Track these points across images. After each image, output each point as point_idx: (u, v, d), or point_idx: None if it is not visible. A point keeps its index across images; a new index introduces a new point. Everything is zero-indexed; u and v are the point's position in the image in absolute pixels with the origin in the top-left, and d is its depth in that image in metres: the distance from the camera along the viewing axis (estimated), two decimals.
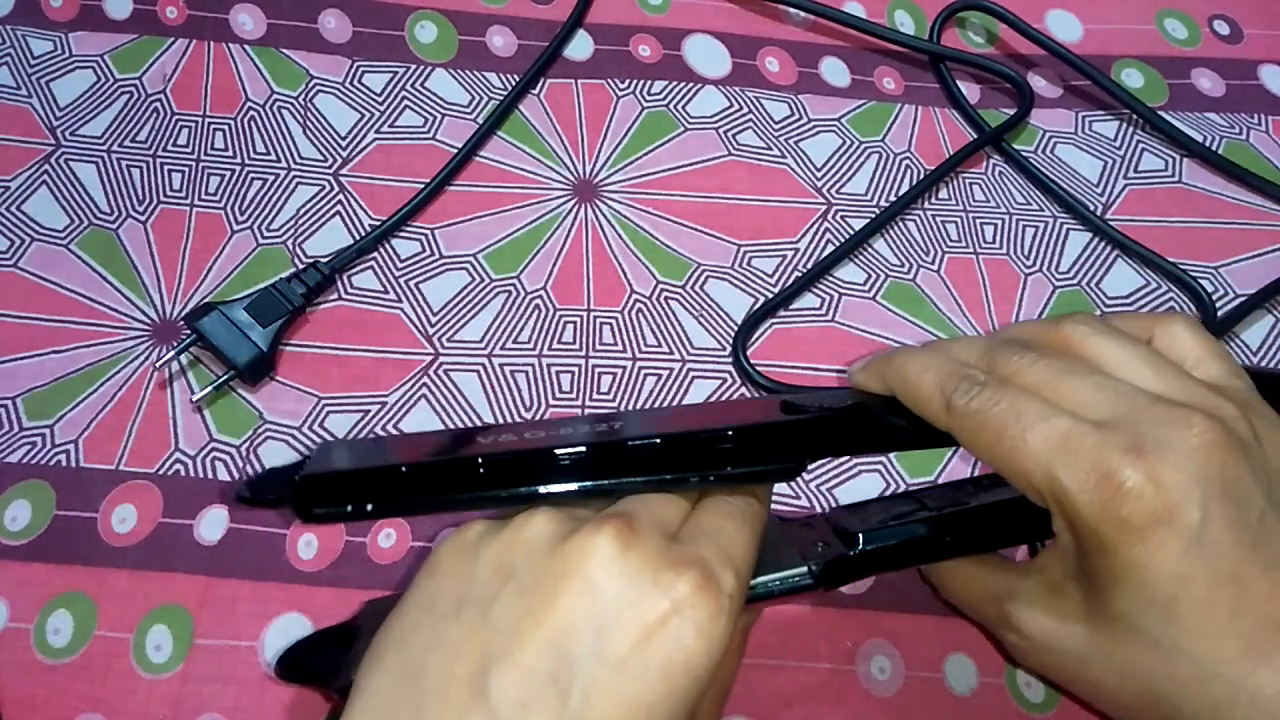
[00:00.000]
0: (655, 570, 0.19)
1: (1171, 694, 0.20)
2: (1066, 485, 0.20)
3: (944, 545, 0.24)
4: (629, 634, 0.19)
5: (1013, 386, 0.21)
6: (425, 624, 0.20)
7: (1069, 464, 0.20)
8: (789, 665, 0.30)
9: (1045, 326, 0.23)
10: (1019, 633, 0.23)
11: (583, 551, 0.19)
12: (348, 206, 0.36)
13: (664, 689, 0.19)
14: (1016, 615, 0.23)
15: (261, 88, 0.38)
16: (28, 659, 0.28)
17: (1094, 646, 0.22)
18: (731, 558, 0.20)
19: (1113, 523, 0.20)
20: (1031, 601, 0.23)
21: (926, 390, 0.22)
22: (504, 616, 0.19)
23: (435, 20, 0.41)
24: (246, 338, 0.32)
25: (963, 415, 0.21)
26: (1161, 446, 0.20)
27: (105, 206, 0.36)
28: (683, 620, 0.19)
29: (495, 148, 0.38)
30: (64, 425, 0.32)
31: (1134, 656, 0.21)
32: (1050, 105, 0.41)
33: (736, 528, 0.21)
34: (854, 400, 0.24)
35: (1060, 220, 0.38)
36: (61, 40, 0.39)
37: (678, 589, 0.19)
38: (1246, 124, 0.41)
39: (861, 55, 0.42)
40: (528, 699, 0.18)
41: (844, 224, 0.38)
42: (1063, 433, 0.20)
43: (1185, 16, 0.44)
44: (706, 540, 0.20)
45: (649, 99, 0.40)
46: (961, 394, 0.22)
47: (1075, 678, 0.23)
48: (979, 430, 0.21)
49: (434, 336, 0.34)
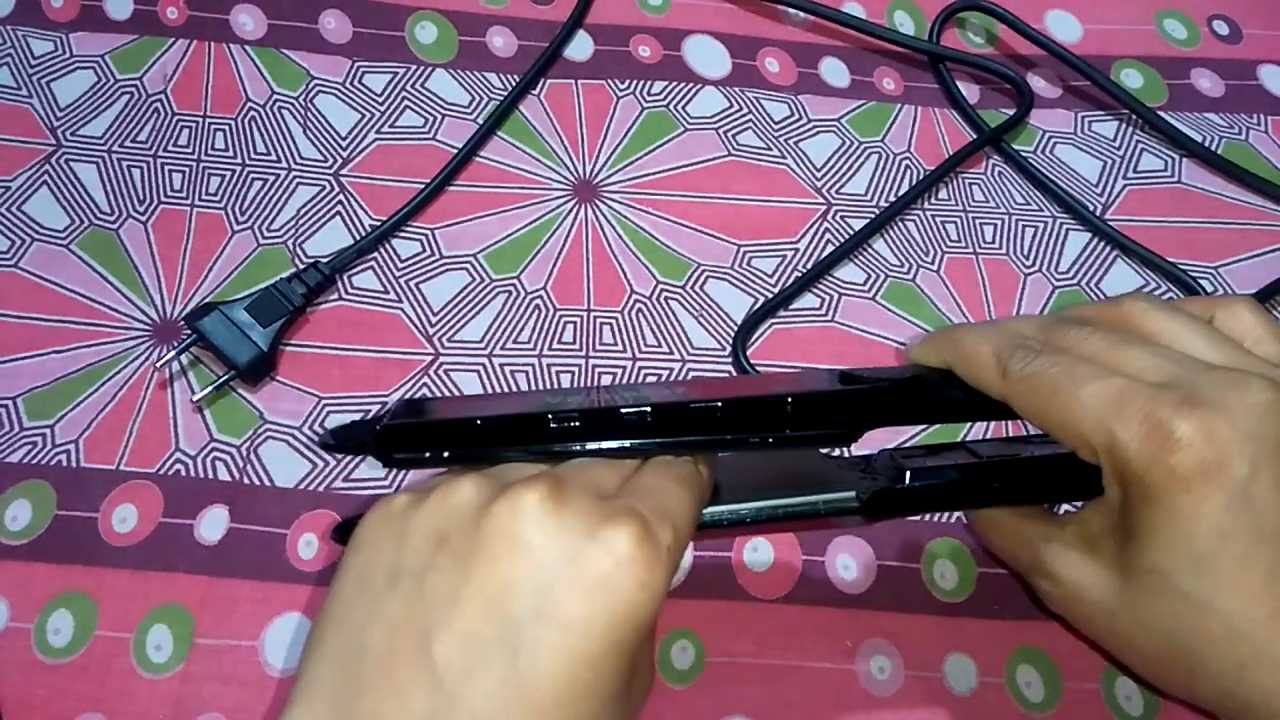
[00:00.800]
0: (591, 526, 0.19)
1: (1197, 650, 0.21)
2: (1118, 436, 0.20)
3: (989, 492, 0.24)
4: (571, 590, 0.19)
5: (1069, 354, 0.22)
6: (360, 601, 0.20)
7: (1121, 416, 0.20)
8: (788, 664, 0.30)
9: (1104, 305, 0.24)
10: (1052, 579, 0.23)
11: (514, 512, 0.19)
12: (348, 207, 0.36)
13: (609, 642, 0.19)
14: (1051, 563, 0.23)
15: (262, 88, 0.38)
16: (28, 659, 0.29)
17: (1124, 598, 0.22)
18: (669, 513, 0.20)
19: (1160, 471, 0.20)
20: (1067, 550, 0.23)
21: (983, 358, 0.23)
22: (440, 584, 0.19)
23: (435, 21, 0.41)
24: (247, 338, 0.32)
25: (1018, 380, 0.22)
26: (1215, 403, 0.20)
27: (106, 207, 0.36)
28: (624, 574, 0.19)
29: (495, 148, 0.38)
30: (64, 425, 0.32)
31: (1163, 610, 0.21)
32: (1050, 105, 0.41)
33: (676, 487, 0.21)
34: (911, 374, 0.24)
35: (1060, 220, 0.38)
36: (62, 40, 0.39)
37: (617, 542, 0.19)
38: (1246, 124, 0.41)
39: (861, 56, 0.42)
40: (473, 664, 0.18)
41: (844, 224, 0.38)
42: (1117, 389, 0.20)
43: (1184, 17, 0.44)
44: (644, 496, 0.21)
45: (649, 99, 0.40)
46: (1017, 360, 0.22)
47: (1102, 628, 0.23)
48: (1033, 392, 0.21)
49: (434, 336, 0.34)
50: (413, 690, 0.18)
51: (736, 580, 0.31)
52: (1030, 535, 0.24)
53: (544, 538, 0.19)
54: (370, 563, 0.20)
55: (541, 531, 0.19)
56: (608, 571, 0.19)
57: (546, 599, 0.19)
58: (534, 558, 0.19)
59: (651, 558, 0.19)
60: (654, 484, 0.21)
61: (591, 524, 0.19)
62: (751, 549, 0.31)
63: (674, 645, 0.30)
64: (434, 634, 0.19)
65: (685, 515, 0.21)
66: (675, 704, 0.29)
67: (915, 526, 0.32)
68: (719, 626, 0.30)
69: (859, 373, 0.24)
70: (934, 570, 0.31)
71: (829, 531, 0.32)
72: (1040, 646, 0.30)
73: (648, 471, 0.22)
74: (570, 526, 0.19)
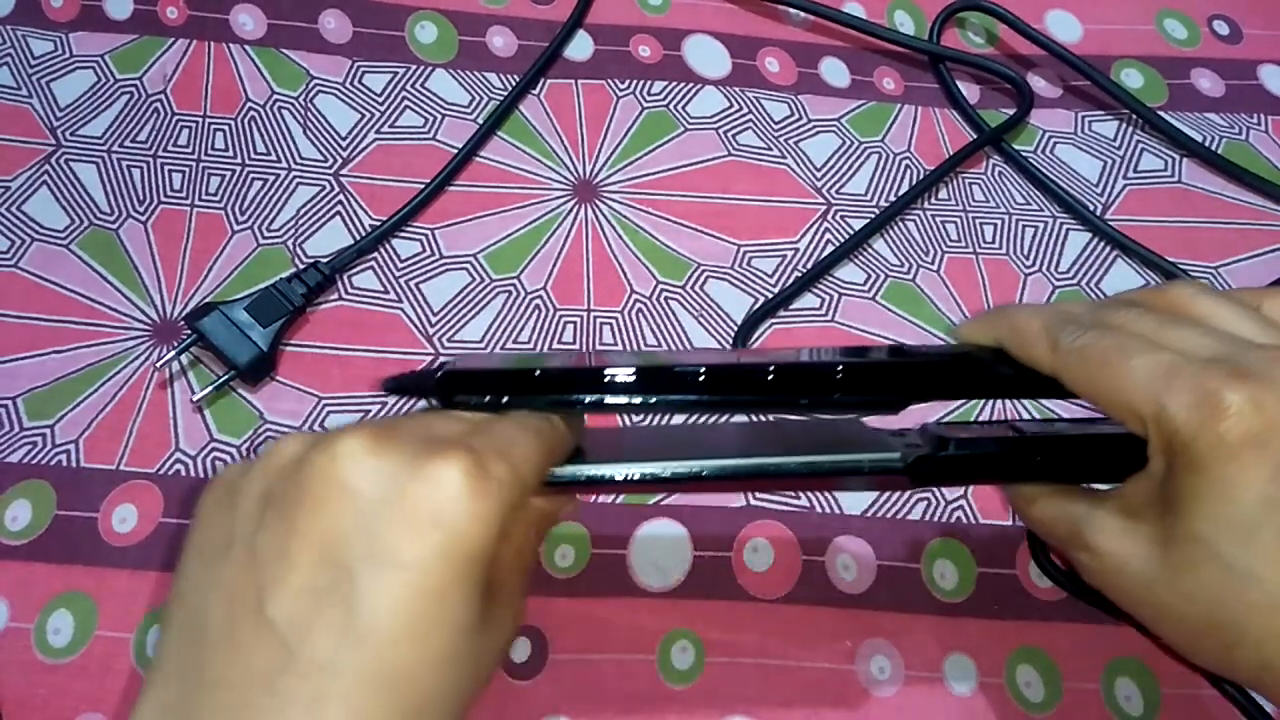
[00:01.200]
0: (414, 464, 0.19)
1: (1237, 620, 0.21)
2: (1167, 405, 0.20)
3: (1032, 465, 0.25)
4: (400, 530, 0.18)
5: (1119, 330, 0.22)
6: (200, 574, 0.20)
7: (1171, 386, 0.20)
8: (789, 665, 0.30)
9: (1153, 290, 0.24)
10: (1091, 552, 0.23)
11: (332, 458, 0.19)
12: (348, 207, 0.36)
13: (449, 574, 0.19)
14: (1092, 535, 0.23)
15: (262, 88, 0.38)
16: (28, 659, 0.29)
17: (1165, 568, 0.22)
18: (506, 453, 0.20)
19: (1208, 439, 0.20)
20: (1107, 523, 0.23)
21: (1034, 333, 0.23)
22: (269, 543, 0.19)
23: (435, 20, 0.41)
24: (247, 338, 0.32)
25: (1068, 352, 0.22)
26: (1264, 376, 0.20)
27: (106, 207, 0.36)
28: (453, 506, 0.19)
29: (495, 148, 0.38)
30: (64, 425, 0.32)
31: (1205, 579, 0.21)
32: (1050, 105, 0.41)
33: (520, 432, 0.21)
34: (960, 350, 0.25)
35: (1060, 220, 0.38)
36: (62, 40, 0.39)
37: (443, 477, 0.19)
38: (1246, 124, 0.41)
39: (861, 55, 0.42)
40: (310, 616, 0.18)
41: (844, 224, 0.38)
42: (1168, 362, 0.21)
43: (1185, 17, 0.44)
44: (481, 437, 0.20)
45: (649, 99, 0.40)
46: (1068, 334, 0.22)
47: (1141, 599, 0.23)
48: (1083, 364, 0.22)
49: (434, 336, 0.34)
50: (254, 651, 0.18)
51: (736, 580, 0.31)
52: (1070, 508, 0.24)
53: (365, 480, 0.19)
54: (207, 536, 0.20)
55: (361, 474, 0.19)
56: (435, 506, 0.18)
57: (376, 542, 0.18)
58: (356, 501, 0.19)
59: (480, 489, 0.19)
60: (494, 429, 0.21)
61: (415, 462, 0.19)
62: (751, 549, 0.31)
63: (674, 645, 0.30)
64: (269, 593, 0.18)
65: (525, 455, 0.21)
66: (675, 704, 0.29)
67: (915, 526, 0.32)
68: (719, 627, 0.30)
69: (908, 348, 0.24)
70: (934, 570, 0.31)
71: (829, 532, 0.32)
72: (1040, 646, 0.30)
73: (493, 420, 0.22)
74: (392, 466, 0.19)
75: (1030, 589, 0.31)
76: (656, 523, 0.32)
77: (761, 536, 0.32)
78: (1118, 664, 0.30)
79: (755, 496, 0.32)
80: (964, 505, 0.33)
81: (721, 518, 0.32)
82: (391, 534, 0.18)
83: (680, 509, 0.32)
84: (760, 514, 0.32)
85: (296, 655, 0.18)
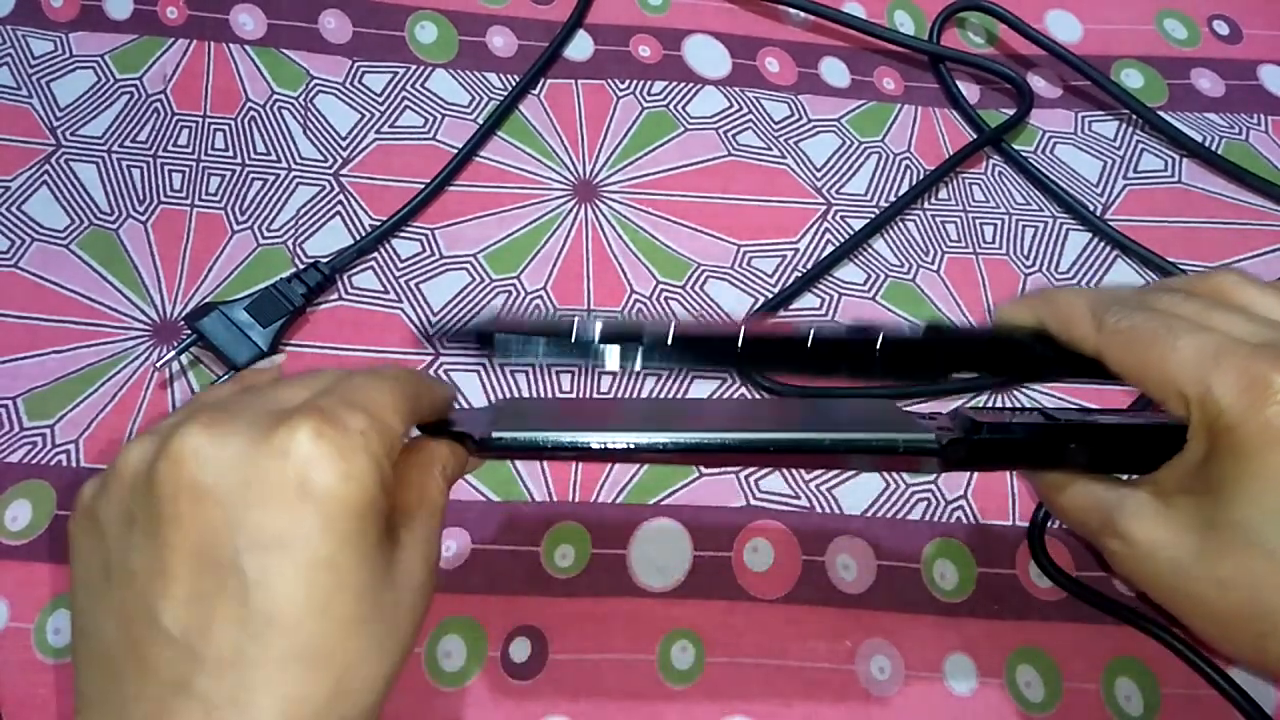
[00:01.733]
0: (261, 438, 0.18)
1: (1274, 608, 0.20)
2: (1215, 388, 0.20)
3: (1065, 453, 0.24)
4: (269, 510, 0.18)
5: (1165, 313, 0.22)
6: (88, 603, 0.20)
7: (1219, 367, 0.20)
8: (788, 665, 0.30)
9: (1195, 277, 0.24)
10: (1123, 539, 0.23)
11: (177, 463, 0.18)
12: (348, 207, 0.36)
13: (333, 541, 0.18)
14: (1123, 523, 0.23)
15: (262, 88, 0.38)
16: (28, 658, 0.29)
17: (1201, 555, 0.21)
18: (358, 403, 0.19)
19: (1255, 424, 0.20)
20: (1140, 510, 0.23)
21: (1078, 312, 0.23)
22: (144, 563, 0.18)
23: (435, 20, 0.41)
24: (247, 338, 0.32)
25: (1113, 332, 0.22)
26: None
27: (106, 207, 0.36)
28: (317, 471, 0.18)
29: (495, 148, 0.38)
30: (64, 425, 0.32)
31: (1243, 565, 0.21)
32: (1050, 105, 0.41)
33: (371, 381, 0.20)
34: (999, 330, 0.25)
35: (1060, 220, 0.38)
36: (62, 40, 0.39)
37: (293, 444, 0.18)
38: (1246, 124, 0.41)
39: (861, 55, 0.42)
40: (207, 618, 0.18)
41: (844, 224, 0.38)
42: (1216, 344, 0.21)
43: (1185, 17, 0.44)
44: (328, 396, 0.20)
45: (649, 99, 0.40)
46: (1113, 314, 0.22)
47: (1173, 587, 0.22)
48: (1128, 344, 0.22)
49: (433, 336, 0.34)
50: (161, 662, 0.18)
51: (737, 580, 0.31)
52: (1102, 495, 0.24)
53: (216, 474, 0.18)
54: (83, 567, 0.20)
55: (210, 469, 0.18)
56: (297, 475, 0.18)
57: (249, 530, 0.18)
58: (216, 497, 0.18)
59: (340, 445, 0.18)
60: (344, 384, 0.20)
61: (261, 438, 0.18)
62: (751, 549, 0.31)
63: (674, 645, 0.30)
64: (158, 609, 0.18)
65: (381, 401, 0.20)
66: (675, 704, 0.29)
67: (916, 526, 0.32)
68: (719, 627, 0.30)
69: (945, 325, 0.24)
70: (934, 570, 0.31)
71: (829, 532, 0.32)
72: (1040, 646, 0.30)
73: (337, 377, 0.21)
74: (238, 450, 0.18)
75: (1030, 589, 0.31)
76: (656, 522, 0.32)
77: (761, 536, 0.32)
78: (1118, 664, 0.30)
79: (755, 496, 0.32)
80: (964, 505, 0.33)
81: (722, 517, 0.32)
82: (262, 517, 0.18)
83: (680, 509, 0.32)
84: (760, 514, 0.32)
85: (204, 657, 0.18)
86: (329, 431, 0.18)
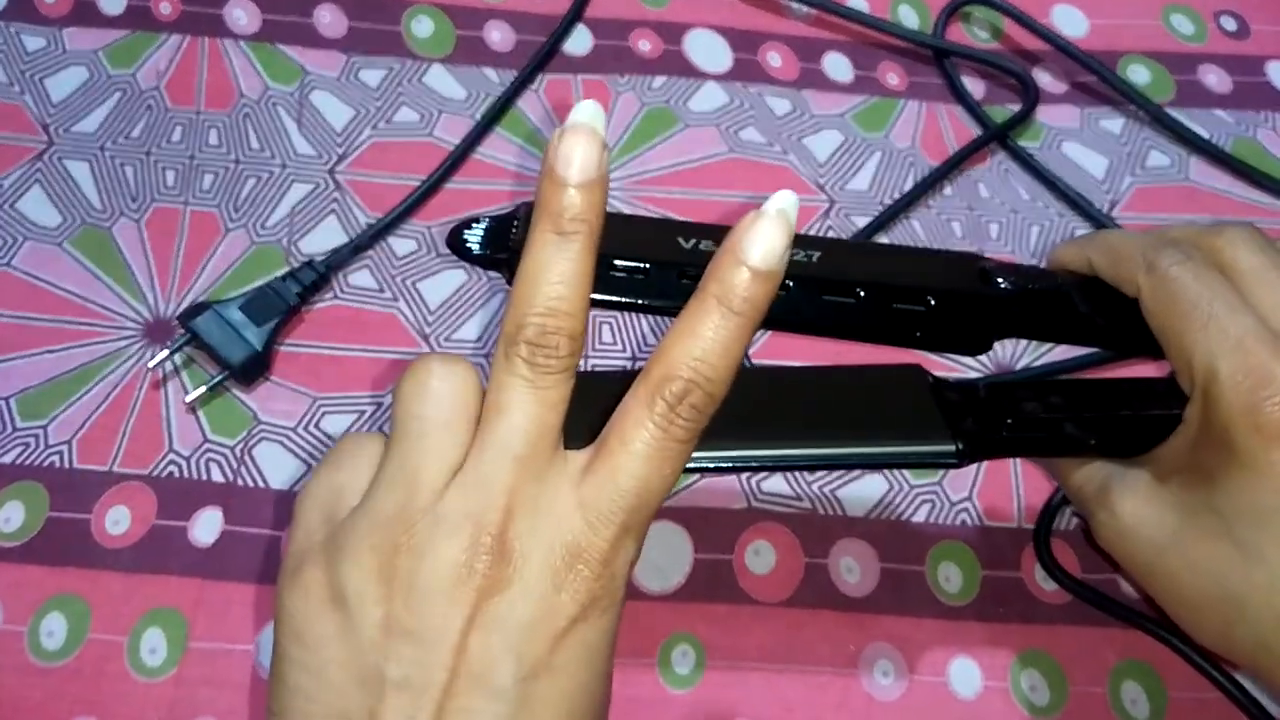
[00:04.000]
0: (552, 581, 0.18)
1: (1240, 595, 0.21)
2: (1222, 375, 0.20)
3: (1083, 446, 0.25)
4: (547, 644, 0.18)
5: (1217, 269, 0.22)
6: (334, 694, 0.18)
7: (1234, 357, 0.20)
8: (791, 669, 0.29)
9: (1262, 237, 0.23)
10: (1110, 510, 0.23)
11: (481, 594, 0.18)
12: (343, 204, 0.36)
13: (590, 669, 0.19)
14: (1115, 494, 0.23)
15: (256, 84, 0.38)
16: (21, 661, 0.28)
17: (1179, 536, 0.22)
18: (630, 522, 0.19)
19: (1248, 421, 0.20)
20: (1134, 486, 0.23)
21: (1130, 251, 0.23)
22: (413, 673, 0.18)
23: (432, 15, 0.40)
24: (241, 337, 0.32)
25: (1162, 276, 0.22)
26: None
27: (98, 204, 0.35)
28: (594, 611, 0.18)
29: (493, 144, 0.38)
30: (57, 426, 0.31)
31: (1215, 553, 0.21)
32: (1056, 101, 0.41)
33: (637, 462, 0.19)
34: (1053, 283, 0.24)
35: (1066, 218, 0.38)
36: (54, 36, 0.38)
37: (579, 590, 0.18)
38: (1253, 121, 0.40)
39: (865, 50, 0.41)
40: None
41: (847, 221, 0.37)
42: (1242, 330, 0.21)
43: (1192, 12, 0.43)
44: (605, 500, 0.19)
45: (649, 95, 0.39)
46: (1166, 257, 0.22)
47: (1150, 564, 0.23)
48: (1171, 299, 0.22)
49: (431, 336, 0.34)
50: None
51: (739, 583, 0.31)
52: (1100, 470, 0.25)
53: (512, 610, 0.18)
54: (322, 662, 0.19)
55: (511, 606, 0.18)
56: (573, 620, 0.18)
57: (523, 661, 0.18)
58: (507, 629, 0.18)
59: (611, 588, 0.19)
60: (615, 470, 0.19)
61: (554, 580, 0.18)
62: (753, 551, 0.31)
63: (675, 649, 0.30)
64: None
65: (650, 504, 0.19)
66: (676, 708, 0.29)
67: (919, 529, 0.32)
68: (721, 630, 0.30)
69: (997, 272, 0.23)
70: (938, 573, 0.31)
71: (832, 534, 0.31)
72: (1046, 650, 0.30)
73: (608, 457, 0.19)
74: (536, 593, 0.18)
75: (1036, 592, 0.31)
76: (657, 524, 0.31)
77: (763, 539, 0.31)
78: (1124, 667, 0.30)
79: (757, 498, 0.32)
80: (968, 507, 0.32)
81: (723, 520, 0.31)
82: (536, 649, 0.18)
83: (681, 511, 0.31)
84: (762, 516, 0.32)
85: None
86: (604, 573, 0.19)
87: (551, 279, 0.19)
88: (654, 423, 0.18)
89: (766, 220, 0.19)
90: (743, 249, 0.19)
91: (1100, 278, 0.24)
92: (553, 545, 0.18)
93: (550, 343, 0.19)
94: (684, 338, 0.19)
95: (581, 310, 0.19)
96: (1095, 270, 0.24)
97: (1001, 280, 0.23)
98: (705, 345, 0.19)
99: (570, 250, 0.19)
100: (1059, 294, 0.24)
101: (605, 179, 0.19)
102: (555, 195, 0.19)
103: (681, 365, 0.19)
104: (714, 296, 0.19)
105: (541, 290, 0.19)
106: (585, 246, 0.19)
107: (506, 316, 0.19)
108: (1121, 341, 0.24)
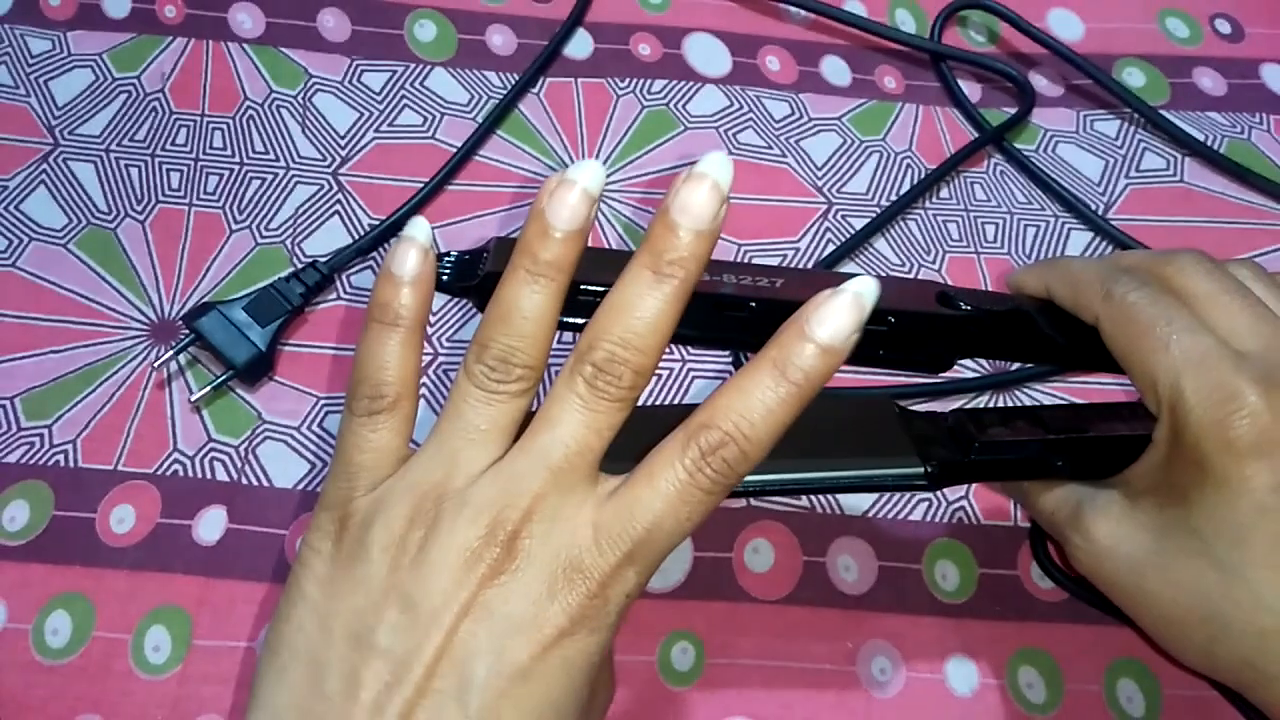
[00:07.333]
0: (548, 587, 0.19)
1: (1222, 613, 0.21)
2: (1188, 394, 0.20)
3: (1053, 469, 0.25)
4: (528, 649, 0.18)
5: (1172, 294, 0.22)
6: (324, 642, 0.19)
7: (1198, 376, 0.20)
8: (789, 666, 0.30)
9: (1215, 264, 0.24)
10: (1085, 535, 0.23)
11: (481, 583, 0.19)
12: (347, 206, 0.36)
13: (565, 686, 0.19)
14: (1089, 518, 0.23)
15: (260, 87, 0.38)
16: (26, 659, 0.28)
17: (1157, 557, 0.22)
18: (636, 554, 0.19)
19: (1218, 440, 0.20)
20: (1107, 508, 0.23)
21: (1087, 280, 0.23)
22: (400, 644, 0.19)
23: (434, 19, 0.41)
24: (245, 337, 0.32)
25: (1119, 304, 0.22)
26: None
27: (103, 206, 0.36)
28: (582, 630, 0.19)
29: (495, 147, 0.38)
30: (62, 425, 0.32)
31: (1195, 572, 0.21)
32: (1051, 104, 0.41)
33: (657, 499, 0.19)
34: (1011, 305, 0.24)
35: (1061, 219, 0.38)
36: (60, 39, 0.39)
37: (570, 604, 0.19)
38: (1248, 123, 0.41)
39: (862, 54, 0.42)
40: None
41: (845, 223, 0.37)
42: (1204, 349, 0.21)
43: (1186, 15, 0.43)
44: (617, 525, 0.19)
45: (649, 98, 0.39)
46: (1122, 285, 0.22)
47: (1129, 586, 0.23)
48: (1128, 322, 0.22)
49: (432, 336, 0.34)
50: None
51: (737, 581, 0.31)
52: (1071, 494, 0.24)
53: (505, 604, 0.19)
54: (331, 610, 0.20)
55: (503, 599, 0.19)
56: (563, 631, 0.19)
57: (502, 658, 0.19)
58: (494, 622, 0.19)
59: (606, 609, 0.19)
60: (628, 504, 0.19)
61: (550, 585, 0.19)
62: (752, 550, 0.31)
63: (674, 647, 0.30)
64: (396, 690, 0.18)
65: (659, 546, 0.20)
66: (675, 706, 0.29)
67: (917, 527, 0.32)
68: (719, 628, 0.30)
69: (955, 294, 0.23)
70: (935, 571, 0.31)
71: (830, 532, 0.32)
72: (1042, 648, 0.30)
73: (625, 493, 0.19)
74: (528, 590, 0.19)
75: (1032, 590, 0.31)
76: None
77: (762, 537, 0.31)
78: (1120, 665, 0.30)
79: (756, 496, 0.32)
80: (965, 505, 0.32)
81: (721, 518, 0.32)
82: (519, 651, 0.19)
83: None
84: (761, 514, 0.32)
85: None
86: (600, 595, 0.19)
87: (637, 313, 0.19)
88: (683, 466, 0.19)
89: (841, 300, 0.19)
90: (811, 324, 0.19)
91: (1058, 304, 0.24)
92: (558, 554, 0.19)
93: (615, 371, 0.19)
94: (733, 393, 0.19)
95: (655, 349, 0.19)
96: (1053, 297, 0.24)
97: (962, 302, 0.23)
98: (751, 405, 0.19)
99: (662, 291, 0.19)
100: (1018, 314, 0.24)
101: (716, 234, 0.19)
102: (665, 236, 0.19)
103: (724, 418, 0.19)
104: (772, 360, 0.19)
105: (623, 320, 0.19)
106: (677, 292, 0.19)
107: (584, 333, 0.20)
108: (1082, 360, 0.24)
